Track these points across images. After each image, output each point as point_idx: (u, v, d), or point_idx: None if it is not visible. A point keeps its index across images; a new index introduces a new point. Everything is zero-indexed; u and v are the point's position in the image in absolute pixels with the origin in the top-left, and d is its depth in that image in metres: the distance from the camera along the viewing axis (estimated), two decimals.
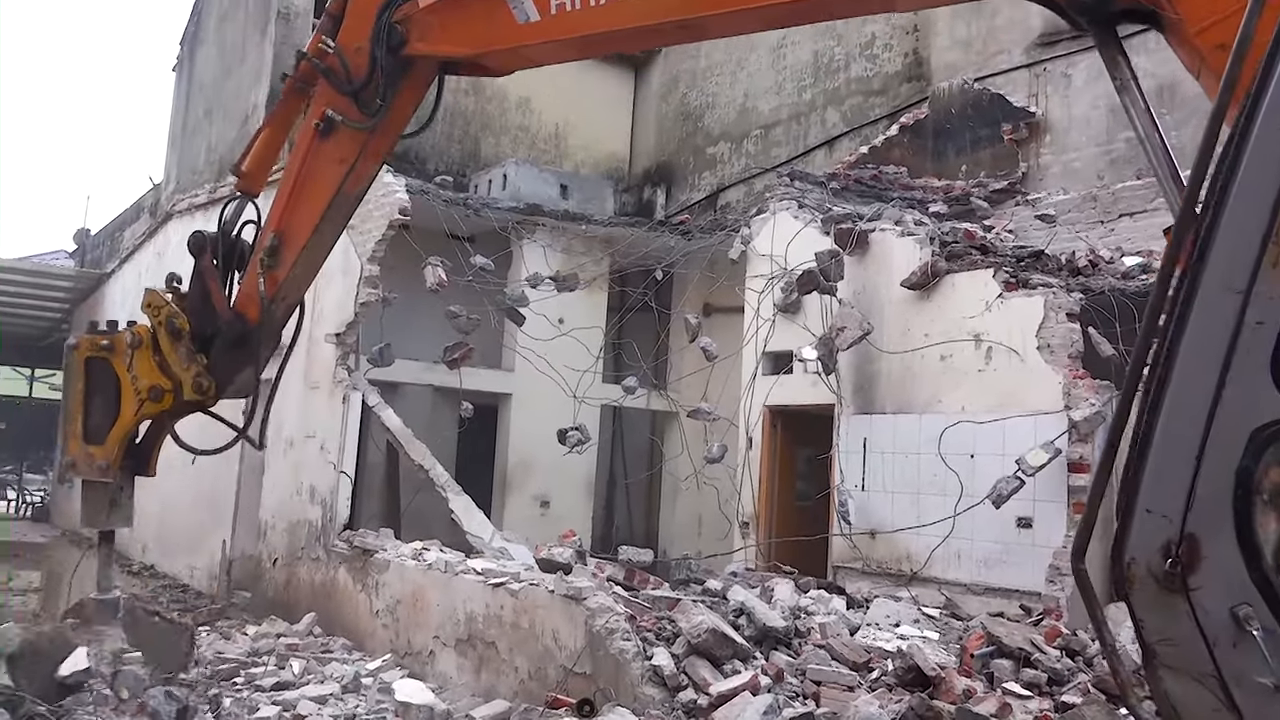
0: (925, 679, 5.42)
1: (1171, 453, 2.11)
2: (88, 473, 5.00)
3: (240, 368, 4.88)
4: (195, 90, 17.08)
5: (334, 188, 4.58)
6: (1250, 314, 2.04)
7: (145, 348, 4.90)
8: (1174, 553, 2.09)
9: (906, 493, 8.39)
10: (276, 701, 6.41)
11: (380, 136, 4.57)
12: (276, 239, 4.68)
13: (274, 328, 4.91)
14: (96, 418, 5.02)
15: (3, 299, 20.14)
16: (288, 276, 4.73)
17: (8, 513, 23.26)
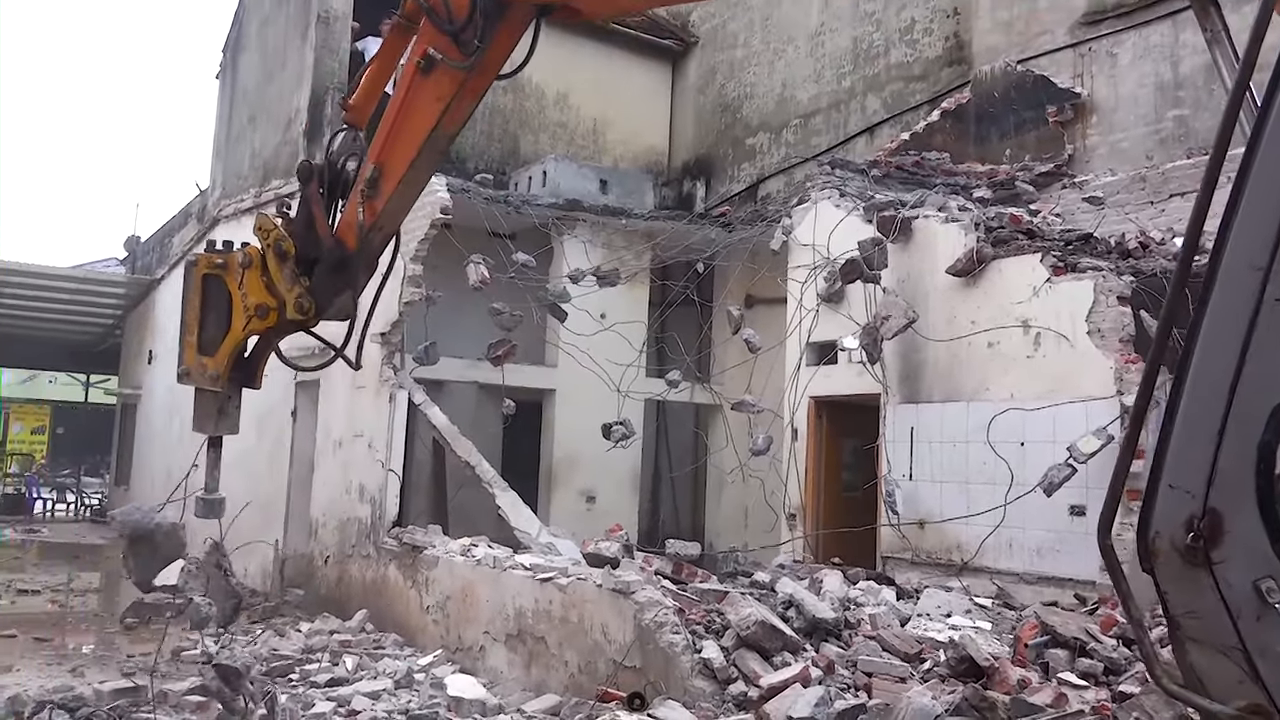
0: (978, 669, 5.36)
1: (1194, 428, 2.14)
2: (200, 381, 5.31)
3: (339, 291, 5.11)
4: (238, 96, 17.31)
5: (431, 124, 4.75)
6: (1270, 290, 2.06)
7: (255, 268, 5.14)
8: (1197, 527, 2.12)
9: (955, 482, 8.29)
10: (331, 698, 6.51)
11: (478, 76, 4.72)
12: (376, 170, 4.87)
13: (371, 255, 5.15)
14: (210, 330, 5.31)
15: (58, 307, 20.61)
16: (385, 207, 4.93)
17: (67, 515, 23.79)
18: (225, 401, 5.33)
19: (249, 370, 5.41)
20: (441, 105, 4.70)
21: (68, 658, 8.43)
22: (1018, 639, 5.96)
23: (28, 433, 34.80)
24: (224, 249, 5.33)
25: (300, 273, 5.05)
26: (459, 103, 4.71)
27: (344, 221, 5.06)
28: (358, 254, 5.02)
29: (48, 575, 13.62)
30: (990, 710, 4.81)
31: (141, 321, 20.91)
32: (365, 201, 4.90)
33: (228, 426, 5.39)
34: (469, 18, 4.51)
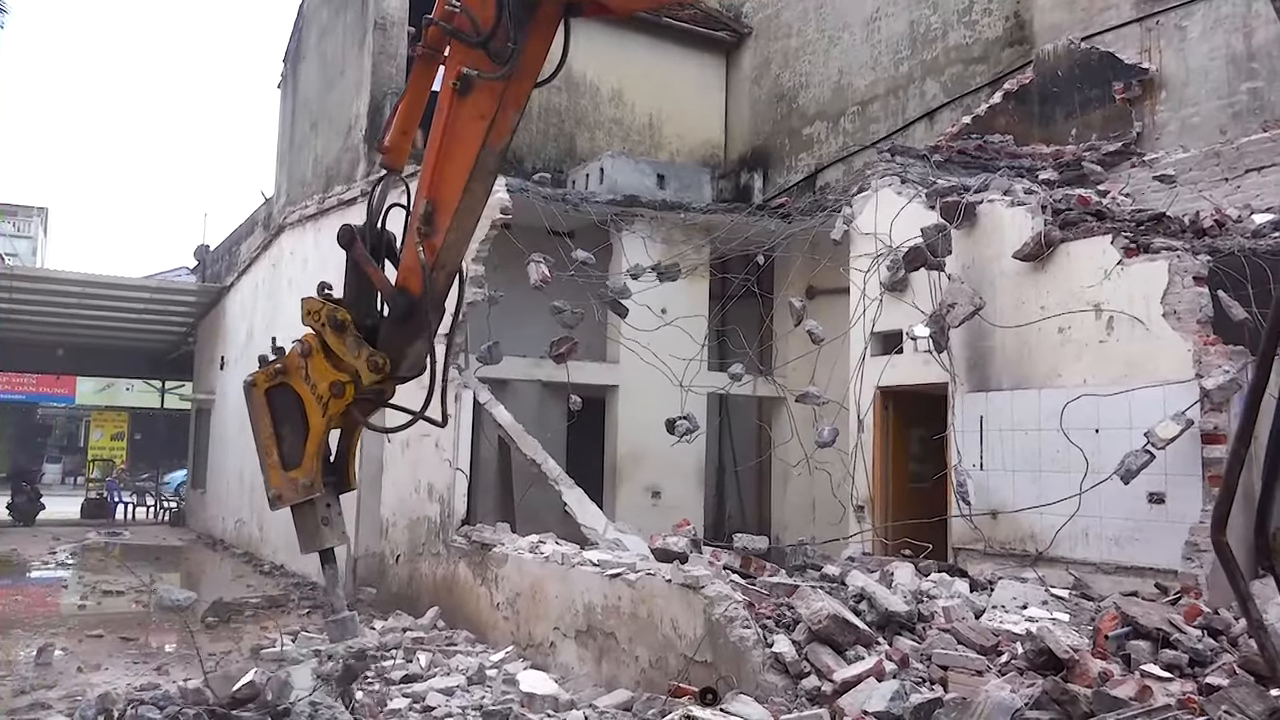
0: (1058, 662, 5.25)
1: None
2: (293, 497, 5.06)
3: (411, 341, 4.93)
4: (300, 105, 17.63)
5: (478, 144, 4.61)
6: None
7: (316, 353, 4.99)
8: None
9: (1027, 471, 8.14)
10: (406, 694, 6.60)
11: (516, 84, 4.58)
12: (430, 205, 4.72)
13: (437, 296, 4.93)
14: (289, 442, 5.11)
15: (133, 316, 21.19)
16: (444, 242, 4.75)
17: (147, 518, 24.48)
18: (326, 510, 5.09)
19: (339, 471, 5.22)
20: (485, 122, 4.56)
21: (152, 656, 8.67)
22: (1097, 630, 5.83)
23: (108, 439, 35.98)
24: (276, 354, 5.16)
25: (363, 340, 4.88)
26: (502, 115, 4.56)
27: (404, 267, 4.87)
28: (424, 298, 4.79)
29: (131, 576, 14.02)
30: (1072, 703, 4.71)
31: (213, 328, 21.42)
32: (423, 240, 4.71)
33: (335, 537, 5.14)
34: (496, 24, 4.40)
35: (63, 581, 13.99)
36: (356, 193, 13.20)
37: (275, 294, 16.74)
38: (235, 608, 10.71)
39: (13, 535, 19.02)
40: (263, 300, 17.61)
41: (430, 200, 4.73)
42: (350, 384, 4.91)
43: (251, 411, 5.21)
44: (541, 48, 4.61)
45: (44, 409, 40.87)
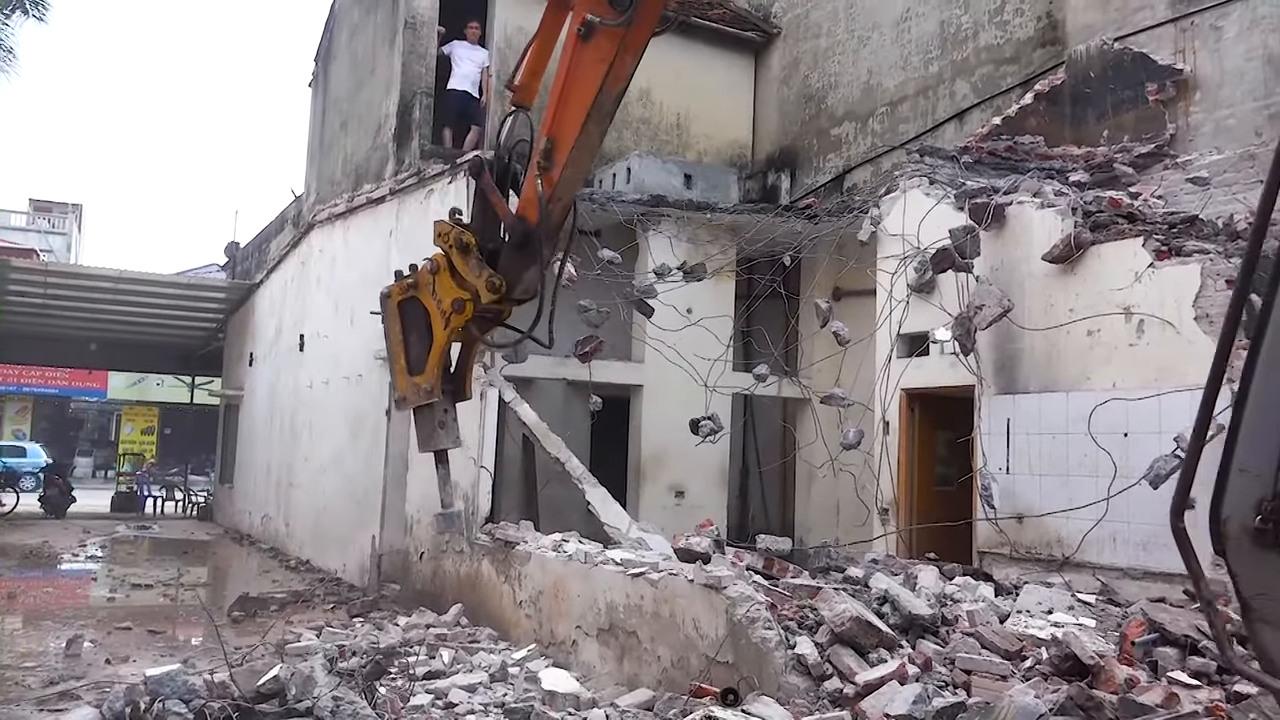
0: (1083, 668, 5.19)
1: (1263, 413, 2.18)
2: (415, 400, 5.50)
3: (526, 266, 5.28)
4: (330, 104, 17.76)
5: (596, 87, 4.91)
6: None
7: (443, 271, 5.38)
8: (1265, 510, 2.13)
9: (1054, 475, 8.06)
10: (429, 690, 6.63)
11: (636, 30, 4.89)
12: (549, 142, 5.04)
13: (551, 228, 5.29)
14: (415, 350, 5.54)
15: (164, 312, 21.45)
16: (561, 177, 5.08)
17: (176, 512, 24.75)
18: (443, 415, 5.54)
19: (458, 381, 5.68)
20: (604, 66, 4.89)
21: (179, 649, 8.76)
22: (1124, 636, 5.77)
23: (138, 433, 36.40)
24: (410, 271, 5.59)
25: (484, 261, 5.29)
26: (620, 60, 4.91)
27: (523, 198, 5.27)
28: (539, 227, 5.19)
29: (159, 570, 14.19)
30: (1097, 710, 4.66)
31: (242, 325, 21.63)
32: (542, 174, 5.08)
33: (450, 439, 5.59)
34: None
35: (92, 574, 14.17)
36: (386, 191, 13.29)
37: (304, 291, 16.88)
38: (261, 602, 10.81)
39: (44, 527, 19.31)
40: (291, 297, 17.76)
41: (550, 138, 5.07)
42: (470, 301, 5.29)
43: (384, 321, 5.71)
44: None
45: (76, 403, 41.49)
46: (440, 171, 11.85)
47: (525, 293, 5.39)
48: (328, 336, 15.21)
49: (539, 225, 5.18)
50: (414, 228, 12.45)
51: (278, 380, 18.08)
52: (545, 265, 5.37)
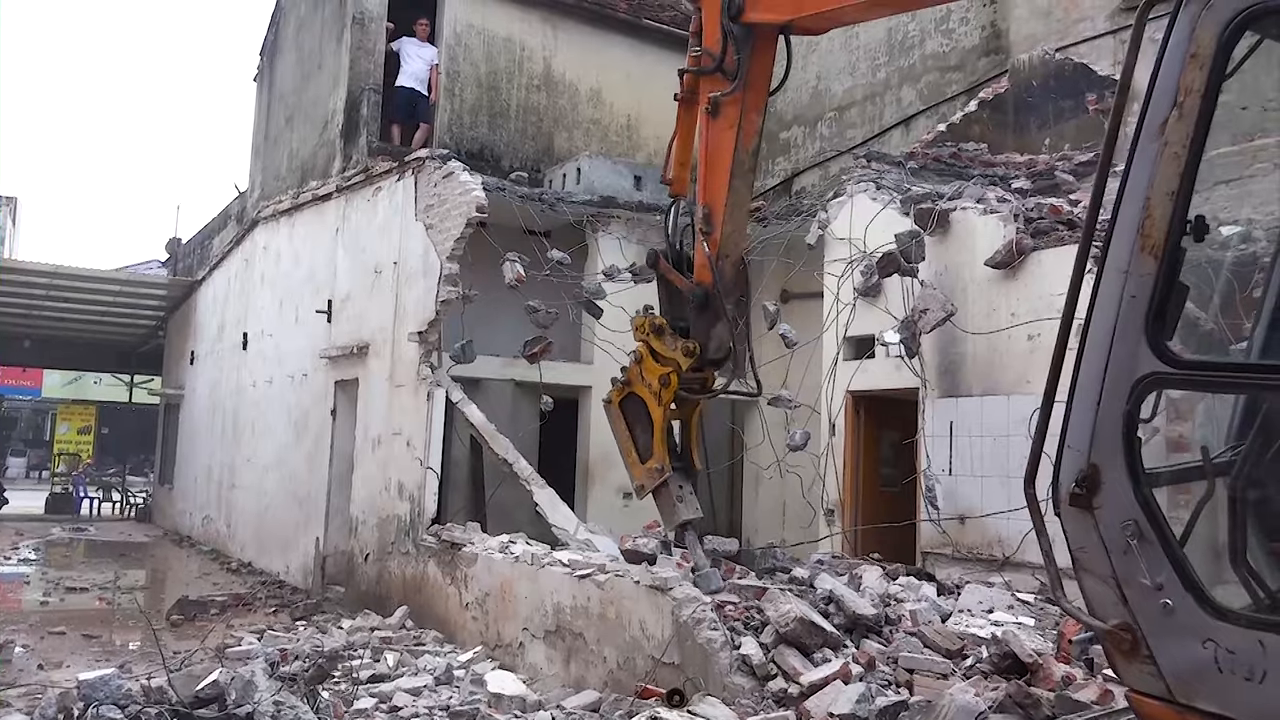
0: (1022, 666, 5.29)
1: (1083, 399, 2.69)
2: (652, 483, 6.03)
3: (712, 325, 5.81)
4: (276, 99, 17.50)
5: (731, 148, 5.56)
6: (1128, 289, 2.63)
7: (646, 358, 5.99)
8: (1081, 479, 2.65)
9: (996, 476, 8.20)
10: (373, 694, 6.55)
11: (751, 93, 5.57)
12: (706, 209, 5.66)
13: (727, 284, 5.82)
14: (642, 440, 6.11)
15: (102, 309, 20.96)
16: (722, 234, 5.66)
17: (113, 514, 24.21)
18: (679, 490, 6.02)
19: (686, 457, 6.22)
20: (734, 130, 5.54)
21: (115, 654, 8.57)
22: (1061, 635, 5.89)
23: (74, 433, 35.49)
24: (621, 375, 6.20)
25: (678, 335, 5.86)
26: (746, 120, 5.57)
27: (696, 265, 5.85)
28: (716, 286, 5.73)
29: (95, 573, 13.87)
30: (1035, 707, 4.75)
31: (183, 323, 21.22)
32: (706, 238, 5.67)
33: (689, 510, 6.06)
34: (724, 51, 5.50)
35: (25, 577, 13.80)
36: (332, 188, 13.13)
37: (248, 289, 16.61)
38: (201, 605, 10.62)
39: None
40: (235, 295, 17.47)
41: (706, 205, 5.69)
42: (674, 373, 5.84)
43: (611, 425, 6.33)
44: (766, 61, 5.62)
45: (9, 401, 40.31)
46: (388, 169, 11.74)
47: (718, 350, 5.92)
48: (272, 335, 14.99)
49: (715, 285, 5.73)
50: (361, 226, 12.32)
51: (220, 379, 17.77)
52: (730, 321, 5.86)
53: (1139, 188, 2.70)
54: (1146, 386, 2.60)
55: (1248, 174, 8.69)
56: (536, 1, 14.44)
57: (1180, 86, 2.71)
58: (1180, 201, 2.63)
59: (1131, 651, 2.60)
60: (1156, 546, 2.52)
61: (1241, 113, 9.29)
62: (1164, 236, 2.62)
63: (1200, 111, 2.67)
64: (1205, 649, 2.45)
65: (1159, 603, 2.50)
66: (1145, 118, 2.75)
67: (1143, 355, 2.59)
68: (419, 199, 10.85)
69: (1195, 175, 2.67)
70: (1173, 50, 2.74)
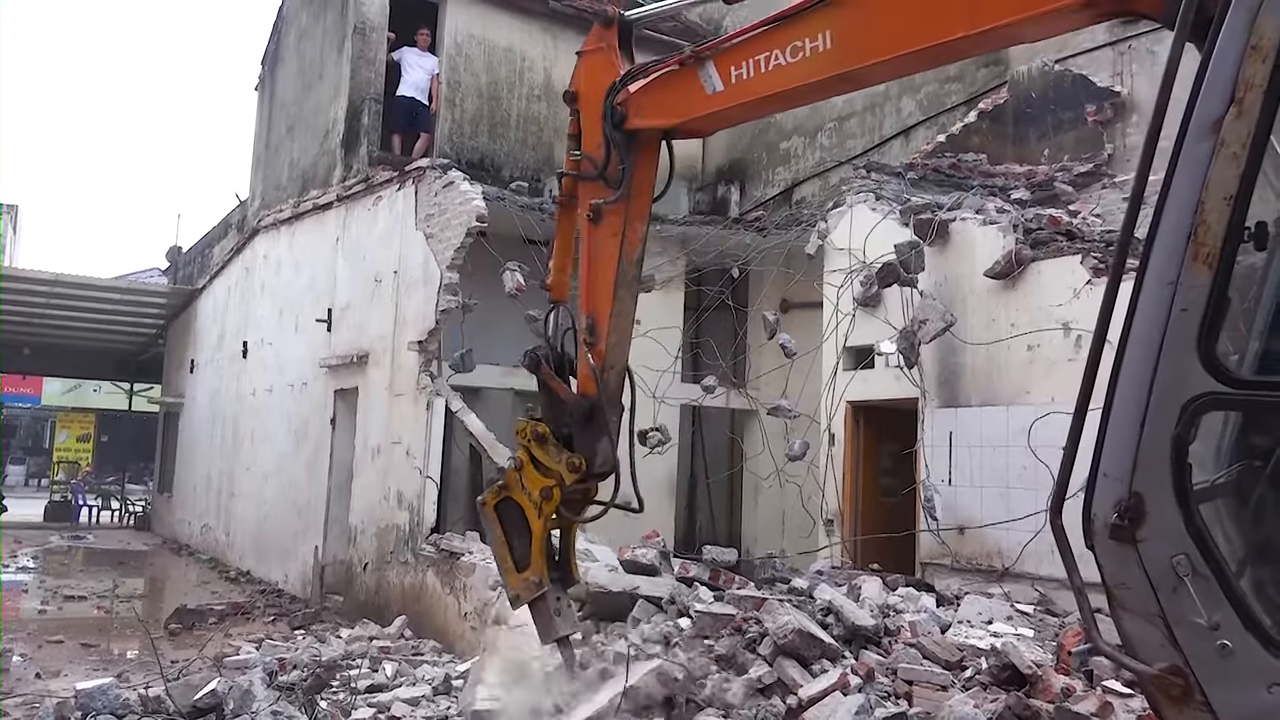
0: (1021, 677, 5.28)
1: (1122, 422, 2.50)
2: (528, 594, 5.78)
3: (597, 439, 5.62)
4: (277, 108, 17.53)
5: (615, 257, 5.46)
6: (1177, 302, 2.43)
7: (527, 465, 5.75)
8: (1122, 509, 2.46)
9: (995, 487, 8.20)
10: (371, 704, 6.54)
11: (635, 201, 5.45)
12: (590, 318, 5.55)
13: (612, 395, 5.69)
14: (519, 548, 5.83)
15: (102, 317, 20.98)
16: (607, 345, 5.55)
17: (112, 522, 24.17)
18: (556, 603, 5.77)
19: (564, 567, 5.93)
20: (618, 239, 5.41)
21: (113, 663, 8.56)
22: (1061, 646, 5.88)
23: (73, 440, 35.51)
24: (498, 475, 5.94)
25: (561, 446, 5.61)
26: (630, 229, 5.44)
27: (580, 376, 5.66)
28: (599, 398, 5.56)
29: (94, 581, 13.85)
30: (1034, 719, 4.74)
31: (183, 331, 21.23)
32: (590, 348, 5.53)
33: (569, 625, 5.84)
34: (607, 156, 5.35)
35: (23, 586, 13.78)
36: (333, 197, 13.15)
37: (248, 298, 16.63)
38: (199, 614, 10.60)
39: None
40: (235, 304, 17.49)
41: (589, 314, 5.56)
42: (556, 487, 5.61)
43: (486, 527, 5.99)
44: (650, 168, 5.51)
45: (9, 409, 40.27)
46: (389, 178, 11.76)
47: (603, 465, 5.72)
48: (272, 344, 15.00)
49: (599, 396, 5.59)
50: (361, 235, 12.34)
51: (220, 387, 17.77)
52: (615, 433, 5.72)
53: (1187, 192, 2.50)
54: (1200, 408, 2.42)
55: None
56: (537, 12, 14.48)
57: (1240, 81, 2.47)
58: (1239, 206, 2.44)
59: (1183, 698, 2.40)
60: (1212, 582, 2.33)
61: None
62: (1220, 245, 2.42)
63: (1263, 108, 2.44)
64: (1271, 695, 2.28)
65: (1216, 644, 2.33)
66: (1193, 118, 2.55)
67: (1194, 374, 2.41)
68: (419, 208, 10.87)
69: (1255, 178, 2.46)
70: (1226, 44, 2.52)
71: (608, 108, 5.34)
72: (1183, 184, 2.52)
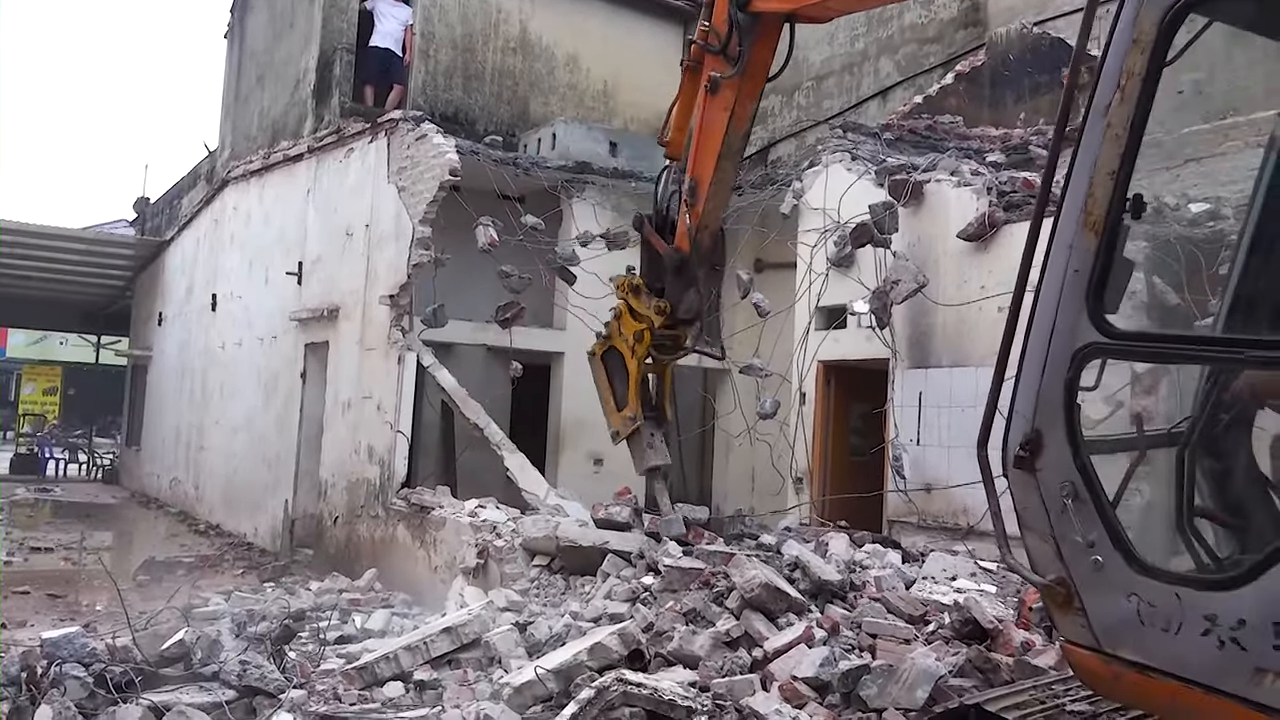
0: (983, 632, 5.38)
1: (1030, 368, 2.85)
2: (625, 429, 6.58)
3: (685, 289, 6.25)
4: (246, 57, 17.20)
5: (723, 130, 5.85)
6: (1071, 263, 2.77)
7: (624, 314, 6.47)
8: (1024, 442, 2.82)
9: (963, 446, 8.27)
10: (341, 655, 6.56)
11: (748, 80, 5.81)
12: (692, 181, 6.01)
13: (703, 253, 6.29)
14: (619, 390, 6.58)
15: (68, 268, 20.63)
16: (704, 209, 6.04)
17: (80, 475, 23.99)
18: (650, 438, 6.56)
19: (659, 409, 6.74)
20: (727, 113, 5.81)
21: (81, 614, 8.53)
22: (1022, 602, 5.98)
23: (40, 393, 35.01)
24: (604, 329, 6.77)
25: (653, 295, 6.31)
26: (739, 106, 5.84)
27: (678, 232, 6.22)
28: (692, 253, 6.16)
29: (61, 533, 13.75)
30: (994, 671, 4.84)
31: (151, 283, 20.95)
32: (689, 209, 6.05)
33: (659, 457, 6.64)
34: (729, 36, 5.72)
35: None
36: (304, 149, 12.96)
37: (217, 250, 16.42)
38: (168, 566, 10.57)
39: None
40: (204, 256, 17.27)
41: (693, 177, 6.01)
42: (647, 330, 6.32)
43: (593, 374, 6.81)
44: (767, 51, 5.87)
45: None
46: (361, 130, 11.60)
47: (688, 312, 6.37)
48: (241, 297, 14.84)
49: (691, 253, 6.17)
50: (333, 187, 12.19)
51: (188, 340, 17.60)
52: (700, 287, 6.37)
53: (1085, 168, 2.81)
54: (1086, 356, 2.74)
55: (1219, 151, 8.76)
56: None
57: (1123, 71, 2.79)
58: (1120, 181, 2.75)
59: (1066, 604, 2.74)
60: (1090, 507, 2.67)
61: (1208, 92, 9.36)
62: (1104, 214, 2.75)
63: (1141, 95, 2.75)
64: (1129, 602, 2.60)
65: (1090, 559, 2.66)
66: (1093, 100, 2.84)
67: (1083, 326, 2.73)
68: (391, 161, 10.74)
69: (1135, 156, 2.77)
70: (1119, 35, 2.82)
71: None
72: (1083, 160, 2.84)
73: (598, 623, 5.93)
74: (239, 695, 5.25)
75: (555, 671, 5.20)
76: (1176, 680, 2.52)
